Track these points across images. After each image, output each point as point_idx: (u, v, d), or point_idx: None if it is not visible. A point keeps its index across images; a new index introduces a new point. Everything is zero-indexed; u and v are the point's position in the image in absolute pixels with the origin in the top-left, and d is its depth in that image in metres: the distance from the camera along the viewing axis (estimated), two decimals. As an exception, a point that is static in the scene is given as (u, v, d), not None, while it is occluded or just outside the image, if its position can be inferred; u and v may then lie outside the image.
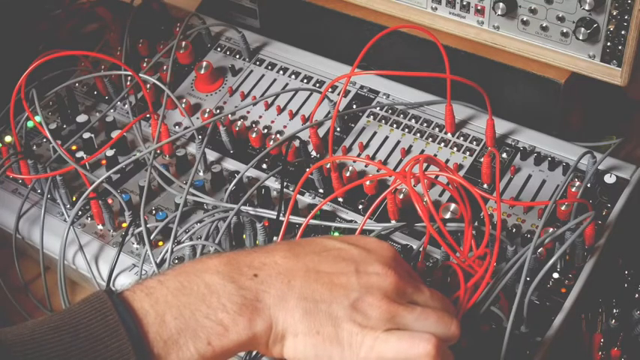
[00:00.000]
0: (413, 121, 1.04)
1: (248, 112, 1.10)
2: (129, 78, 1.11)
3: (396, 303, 0.70)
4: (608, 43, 0.94)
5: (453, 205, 0.92)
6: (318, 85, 1.10)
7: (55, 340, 0.64)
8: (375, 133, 1.04)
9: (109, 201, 1.00)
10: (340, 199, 0.98)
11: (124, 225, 0.99)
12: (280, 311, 0.69)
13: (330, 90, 1.07)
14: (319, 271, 0.71)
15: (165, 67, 1.13)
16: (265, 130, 1.07)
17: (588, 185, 0.93)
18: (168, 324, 0.66)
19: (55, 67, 1.11)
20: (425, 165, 0.87)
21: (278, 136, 1.04)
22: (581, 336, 0.86)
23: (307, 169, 0.97)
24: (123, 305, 0.66)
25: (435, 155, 1.00)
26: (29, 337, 0.64)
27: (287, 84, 1.11)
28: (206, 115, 1.08)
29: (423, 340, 0.68)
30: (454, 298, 0.79)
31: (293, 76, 1.12)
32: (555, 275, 0.88)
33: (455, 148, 1.01)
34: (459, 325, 0.72)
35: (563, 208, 0.91)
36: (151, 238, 0.95)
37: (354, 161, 1.01)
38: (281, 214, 0.94)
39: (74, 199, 1.03)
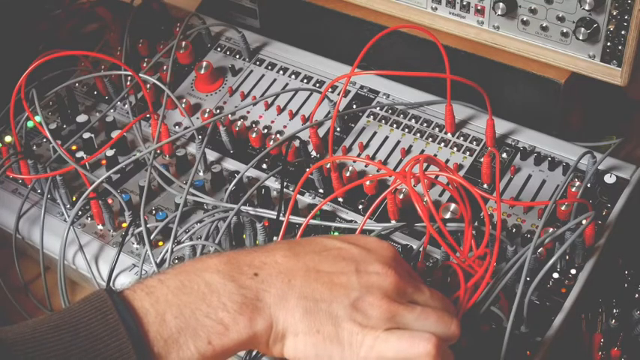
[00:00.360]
0: (413, 121, 1.04)
1: (248, 112, 1.10)
2: (129, 78, 1.11)
3: (396, 302, 0.70)
4: (608, 43, 0.94)
5: (453, 205, 0.92)
6: (318, 85, 1.10)
7: (55, 339, 0.64)
8: (375, 133, 1.04)
9: (109, 201, 1.00)
10: (340, 199, 0.98)
11: (124, 225, 0.99)
12: (281, 310, 0.69)
13: (330, 90, 1.07)
14: (319, 270, 0.71)
15: (165, 67, 1.13)
16: (265, 130, 1.07)
17: (588, 185, 0.93)
18: (169, 323, 0.66)
19: (55, 67, 1.11)
20: (425, 165, 0.87)
21: (278, 136, 1.04)
22: (581, 336, 0.86)
23: (307, 169, 0.97)
24: (123, 304, 0.66)
25: (435, 155, 1.00)
26: (30, 337, 0.64)
27: (287, 84, 1.11)
28: (206, 115, 1.08)
29: (423, 340, 0.68)
30: (454, 298, 0.79)
31: (293, 76, 1.12)
32: (555, 275, 0.88)
33: (455, 148, 1.01)
34: (459, 324, 0.72)
35: (563, 208, 0.91)
36: (151, 238, 0.95)
37: (354, 161, 1.01)
38: (281, 214, 0.94)
39: (74, 199, 1.03)
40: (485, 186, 0.97)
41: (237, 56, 1.16)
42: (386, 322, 0.69)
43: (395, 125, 1.04)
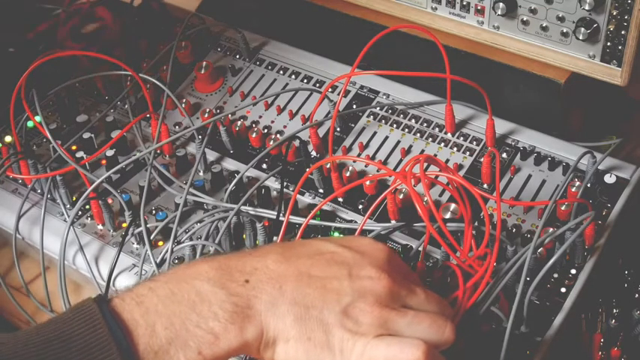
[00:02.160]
0: (413, 121, 1.04)
1: (248, 112, 1.10)
2: (129, 78, 1.11)
3: (388, 308, 0.70)
4: (608, 43, 0.94)
5: (453, 205, 0.92)
6: (318, 85, 1.10)
7: (49, 355, 0.63)
8: (375, 133, 1.04)
9: (109, 201, 1.00)
10: (340, 199, 0.98)
11: (124, 225, 0.99)
12: (271, 317, 0.69)
13: (330, 90, 1.07)
14: (311, 275, 0.71)
15: (165, 67, 1.13)
16: (265, 130, 1.07)
17: (588, 185, 0.93)
18: (159, 334, 0.66)
19: (55, 67, 1.11)
20: (425, 165, 0.87)
21: (278, 136, 1.04)
22: (581, 336, 0.86)
23: (307, 169, 0.97)
24: (112, 316, 0.66)
25: (435, 155, 1.00)
26: (23, 352, 0.63)
27: (287, 84, 1.11)
28: (206, 115, 1.08)
29: (413, 347, 0.68)
30: (453, 298, 0.79)
31: (293, 76, 1.12)
32: (555, 275, 0.88)
33: (455, 148, 1.01)
34: (454, 328, 0.72)
35: (563, 208, 0.91)
36: (151, 238, 0.95)
37: (354, 161, 1.01)
38: (281, 214, 0.94)
39: (74, 199, 1.03)
40: (485, 186, 0.97)
41: (237, 56, 1.16)
42: (377, 328, 0.68)
43: (395, 125, 1.04)
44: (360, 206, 0.97)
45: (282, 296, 0.69)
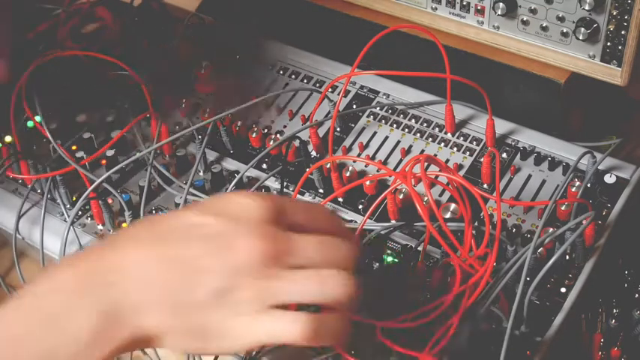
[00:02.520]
0: (413, 121, 1.04)
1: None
2: (129, 78, 1.11)
3: (265, 279, 0.63)
4: (608, 43, 0.94)
5: (452, 205, 0.92)
6: (318, 85, 1.10)
7: None
8: (375, 133, 1.04)
9: (109, 201, 1.00)
10: (340, 199, 0.98)
11: (124, 225, 0.99)
12: (142, 317, 0.63)
13: (330, 90, 1.07)
14: (177, 258, 0.64)
15: (165, 67, 1.13)
16: (265, 130, 1.07)
17: (588, 185, 0.93)
18: None
19: (55, 67, 1.11)
20: (425, 165, 0.87)
21: (278, 136, 1.04)
22: (581, 336, 0.86)
23: (307, 169, 0.97)
24: None
25: (435, 155, 1.00)
26: None
27: (287, 84, 1.11)
28: (206, 115, 1.08)
29: (293, 322, 0.63)
30: (454, 296, 0.79)
31: (293, 76, 1.12)
32: (555, 275, 0.88)
33: (455, 148, 1.01)
34: (349, 280, 0.64)
35: (563, 208, 0.91)
36: (151, 238, 0.95)
37: (354, 161, 1.01)
38: (281, 214, 0.94)
39: (74, 199, 1.03)
40: (485, 186, 0.97)
41: (238, 56, 1.16)
42: (257, 303, 0.63)
43: (395, 125, 1.04)
44: (360, 206, 0.97)
45: (149, 292, 0.63)
